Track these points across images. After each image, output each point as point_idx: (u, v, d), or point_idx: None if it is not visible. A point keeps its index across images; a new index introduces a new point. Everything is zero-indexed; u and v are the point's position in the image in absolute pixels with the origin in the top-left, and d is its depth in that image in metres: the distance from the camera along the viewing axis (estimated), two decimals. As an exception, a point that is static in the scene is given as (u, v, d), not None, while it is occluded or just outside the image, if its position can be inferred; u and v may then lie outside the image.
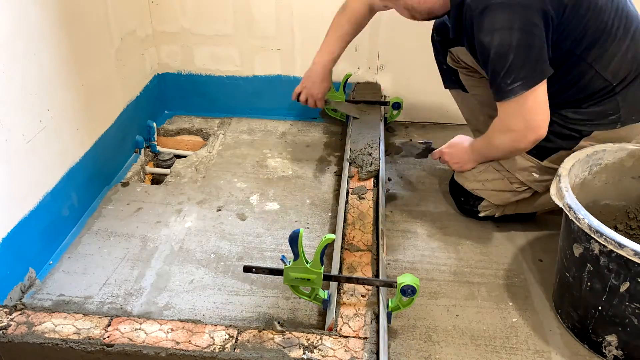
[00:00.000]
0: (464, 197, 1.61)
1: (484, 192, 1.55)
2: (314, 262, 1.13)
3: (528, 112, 1.30)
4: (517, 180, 1.50)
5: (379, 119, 1.93)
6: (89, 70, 1.62)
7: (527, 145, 1.36)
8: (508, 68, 1.26)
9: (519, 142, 1.35)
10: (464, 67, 1.64)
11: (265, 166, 1.90)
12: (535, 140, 1.34)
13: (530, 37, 1.25)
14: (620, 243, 1.05)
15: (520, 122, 1.32)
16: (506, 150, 1.42)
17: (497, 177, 1.52)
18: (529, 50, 1.25)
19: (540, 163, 1.46)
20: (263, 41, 2.08)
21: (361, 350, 1.04)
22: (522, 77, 1.26)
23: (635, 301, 1.09)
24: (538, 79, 1.27)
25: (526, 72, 1.26)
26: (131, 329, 1.08)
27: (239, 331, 1.08)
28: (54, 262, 1.46)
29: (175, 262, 1.47)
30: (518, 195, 1.53)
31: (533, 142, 1.34)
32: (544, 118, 1.31)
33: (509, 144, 1.38)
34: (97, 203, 1.69)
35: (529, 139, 1.34)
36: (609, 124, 1.38)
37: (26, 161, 1.35)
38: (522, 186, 1.51)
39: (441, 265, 1.47)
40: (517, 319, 1.32)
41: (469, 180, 1.57)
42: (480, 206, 1.58)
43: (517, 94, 1.27)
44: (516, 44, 1.24)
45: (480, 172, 1.54)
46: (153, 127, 2.04)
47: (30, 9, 1.35)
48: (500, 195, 1.54)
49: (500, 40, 1.25)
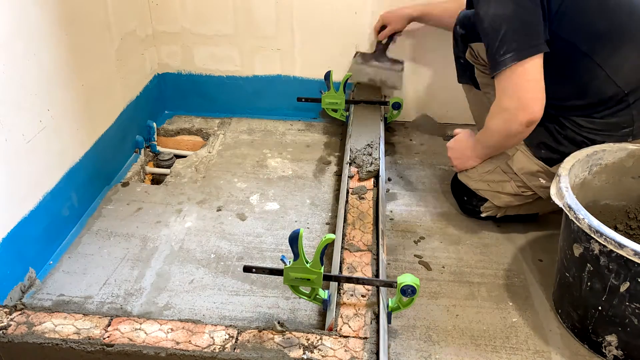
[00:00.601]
0: (467, 197, 1.61)
1: (488, 193, 1.55)
2: (314, 262, 1.13)
3: (519, 89, 1.31)
4: (524, 184, 1.49)
5: (379, 119, 1.94)
6: (89, 70, 1.62)
7: (520, 127, 1.34)
8: (501, 39, 1.29)
9: (512, 122, 1.35)
10: (481, 64, 1.63)
11: (265, 166, 1.90)
12: (527, 121, 1.32)
13: (524, 10, 1.28)
14: (620, 243, 1.05)
15: (512, 100, 1.33)
16: (501, 133, 1.40)
17: (504, 180, 1.51)
18: (522, 23, 1.28)
19: (549, 169, 1.45)
20: (263, 41, 2.08)
21: (361, 350, 1.04)
22: (513, 49, 1.28)
23: (635, 301, 1.09)
24: (529, 52, 1.28)
25: (517, 45, 1.28)
26: (131, 329, 1.08)
27: (239, 331, 1.08)
28: (54, 262, 1.46)
29: (175, 262, 1.47)
30: (522, 199, 1.52)
31: (526, 124, 1.33)
32: (535, 97, 1.31)
33: (503, 126, 1.38)
34: (97, 203, 1.69)
35: (520, 119, 1.33)
36: (621, 136, 1.37)
37: (26, 161, 1.35)
38: (527, 190, 1.50)
39: (441, 266, 1.47)
40: (517, 319, 1.32)
41: (474, 179, 1.56)
42: (483, 207, 1.58)
43: (507, 65, 1.29)
44: (509, 15, 1.28)
45: (487, 172, 1.54)
46: (153, 127, 2.04)
47: (30, 9, 1.35)
48: (504, 198, 1.53)
49: (495, 11, 1.29)
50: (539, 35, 1.29)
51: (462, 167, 1.58)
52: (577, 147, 1.38)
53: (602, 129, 1.38)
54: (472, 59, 1.65)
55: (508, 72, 1.30)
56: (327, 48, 2.08)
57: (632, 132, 1.37)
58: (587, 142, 1.39)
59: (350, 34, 2.05)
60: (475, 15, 1.36)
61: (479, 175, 1.55)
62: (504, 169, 1.51)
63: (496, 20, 1.29)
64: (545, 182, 1.46)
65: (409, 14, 1.92)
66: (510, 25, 1.28)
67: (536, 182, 1.47)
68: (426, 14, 1.91)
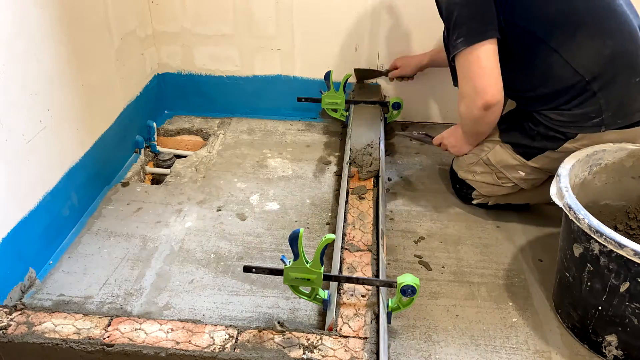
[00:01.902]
0: (459, 185, 1.69)
1: (474, 183, 1.63)
2: (314, 262, 1.13)
3: (473, 75, 1.37)
4: (504, 176, 1.56)
5: (379, 119, 1.94)
6: (89, 70, 1.62)
7: (479, 112, 1.41)
8: (454, 24, 1.35)
9: (472, 107, 1.42)
10: None
11: (265, 166, 1.91)
12: (484, 104, 1.38)
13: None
14: (620, 243, 1.05)
15: (468, 87, 1.40)
16: (468, 117, 1.47)
17: (486, 171, 1.59)
18: (471, 9, 1.34)
19: (527, 162, 1.51)
20: (263, 41, 2.08)
21: (361, 350, 1.04)
22: (464, 34, 1.34)
23: (635, 301, 1.10)
24: (477, 37, 1.33)
25: (467, 30, 1.34)
26: (131, 329, 1.08)
27: (239, 331, 1.08)
28: (54, 262, 1.46)
29: (175, 262, 1.47)
30: (504, 190, 1.59)
31: (484, 108, 1.39)
32: (489, 82, 1.36)
33: (466, 111, 1.45)
34: (97, 203, 1.69)
35: (478, 104, 1.39)
36: (592, 126, 1.38)
37: (26, 161, 1.35)
38: (508, 182, 1.57)
39: (441, 266, 1.47)
40: (517, 319, 1.32)
41: (462, 169, 1.65)
42: (473, 194, 1.66)
43: (458, 49, 1.35)
44: (461, 1, 1.34)
45: (471, 163, 1.62)
46: (153, 127, 2.04)
47: (31, 9, 1.35)
48: (487, 187, 1.61)
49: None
50: (489, 22, 1.33)
51: (459, 152, 1.65)
52: (551, 141, 1.44)
53: (571, 120, 1.40)
54: None
55: (461, 57, 1.37)
56: (327, 48, 2.08)
57: (603, 122, 1.37)
58: (560, 137, 1.42)
59: (350, 34, 2.05)
60: (437, 4, 1.43)
61: (466, 166, 1.64)
62: (485, 161, 1.58)
63: (450, 6, 1.36)
64: (524, 174, 1.53)
65: (419, 63, 2.00)
66: (461, 11, 1.34)
67: (515, 174, 1.55)
68: (434, 59, 1.96)
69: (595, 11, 1.35)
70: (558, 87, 1.39)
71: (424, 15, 1.94)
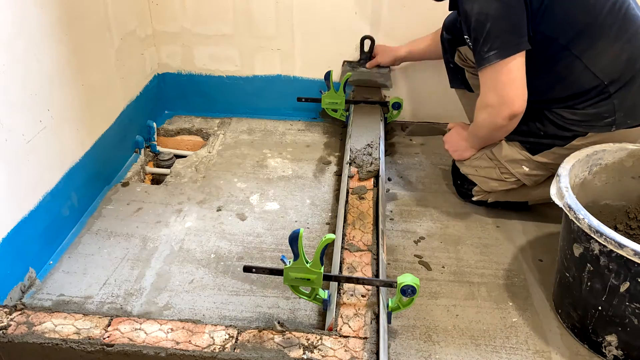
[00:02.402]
0: (460, 181, 1.70)
1: (476, 178, 1.63)
2: (314, 262, 1.13)
3: (502, 86, 1.36)
4: (508, 171, 1.56)
5: (379, 119, 1.94)
6: (89, 70, 1.62)
7: (504, 121, 1.41)
8: (485, 36, 1.33)
9: (496, 116, 1.41)
10: (471, 66, 1.68)
11: (265, 166, 1.90)
12: (510, 115, 1.38)
13: (507, 8, 1.32)
14: (620, 243, 1.05)
15: (495, 97, 1.39)
16: (489, 126, 1.47)
17: (489, 166, 1.59)
18: (505, 22, 1.33)
19: (532, 157, 1.51)
20: (263, 41, 2.08)
21: (361, 350, 1.04)
22: (497, 47, 1.33)
23: (635, 301, 1.10)
24: (512, 50, 1.33)
25: (501, 42, 1.33)
26: (131, 329, 1.08)
27: (239, 331, 1.08)
28: (54, 262, 1.46)
29: (175, 262, 1.47)
30: (506, 185, 1.59)
31: (509, 118, 1.39)
32: (517, 93, 1.36)
33: (488, 120, 1.45)
34: (97, 203, 1.69)
35: (504, 114, 1.39)
36: (603, 126, 1.40)
37: (26, 161, 1.35)
38: (511, 177, 1.57)
39: (441, 266, 1.47)
40: (517, 319, 1.32)
41: (465, 165, 1.65)
42: (474, 190, 1.66)
43: (491, 62, 1.34)
44: (493, 13, 1.32)
45: (475, 158, 1.62)
46: (153, 127, 2.04)
47: (31, 9, 1.34)
48: (489, 183, 1.61)
49: (480, 8, 1.33)
50: (521, 34, 1.33)
51: (460, 157, 1.66)
52: (560, 138, 1.45)
53: (584, 119, 1.41)
54: (461, 62, 1.71)
55: (491, 69, 1.35)
56: (327, 48, 2.08)
57: (614, 122, 1.39)
58: (569, 135, 1.43)
59: (350, 34, 2.05)
60: (461, 12, 1.40)
61: (468, 161, 1.64)
62: (489, 156, 1.59)
63: (481, 17, 1.33)
64: (528, 169, 1.54)
65: (395, 55, 2.00)
66: (494, 23, 1.32)
67: (519, 169, 1.55)
68: (413, 53, 1.98)
69: (615, 19, 1.36)
70: (576, 90, 1.40)
71: (424, 15, 1.94)
